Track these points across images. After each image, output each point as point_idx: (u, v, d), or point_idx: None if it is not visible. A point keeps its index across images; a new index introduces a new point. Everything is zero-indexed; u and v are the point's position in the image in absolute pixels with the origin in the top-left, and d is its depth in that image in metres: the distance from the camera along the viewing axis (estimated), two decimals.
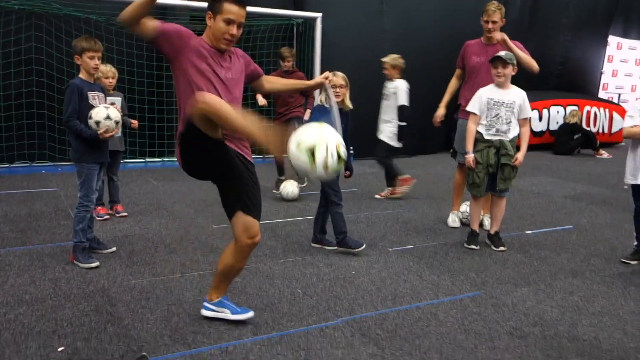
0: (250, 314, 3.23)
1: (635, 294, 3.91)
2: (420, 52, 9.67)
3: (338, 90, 4.48)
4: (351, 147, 9.06)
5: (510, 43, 4.83)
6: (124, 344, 2.96)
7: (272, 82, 3.49)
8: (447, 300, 3.69)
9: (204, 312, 3.28)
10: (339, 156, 2.59)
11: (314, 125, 2.68)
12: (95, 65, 4.13)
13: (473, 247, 4.77)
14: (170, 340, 3.02)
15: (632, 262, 4.52)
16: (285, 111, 6.72)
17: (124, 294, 3.62)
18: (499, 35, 4.87)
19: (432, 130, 9.81)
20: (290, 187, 6.39)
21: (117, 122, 4.06)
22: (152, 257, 4.36)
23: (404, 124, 6.42)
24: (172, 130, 8.84)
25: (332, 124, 2.86)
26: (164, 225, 5.27)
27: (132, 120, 5.52)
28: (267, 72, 8.41)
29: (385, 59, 6.55)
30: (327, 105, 4.24)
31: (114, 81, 5.33)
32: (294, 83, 3.72)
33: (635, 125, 4.34)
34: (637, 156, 4.36)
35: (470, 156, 4.67)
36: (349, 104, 4.58)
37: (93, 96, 4.17)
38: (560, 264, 4.49)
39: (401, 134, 6.44)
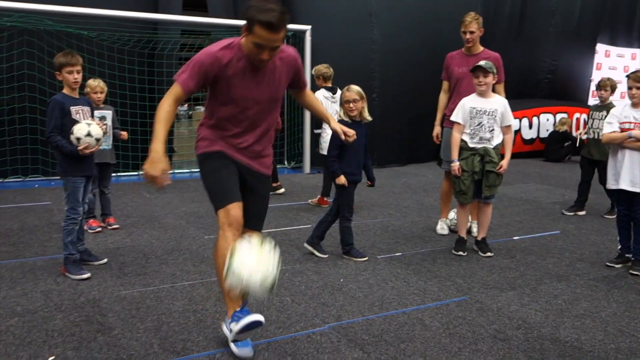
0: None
1: (618, 296, 3.98)
2: (409, 63, 9.81)
3: (352, 105, 4.58)
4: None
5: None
6: (113, 353, 3.01)
7: (309, 98, 3.34)
8: (433, 306, 3.76)
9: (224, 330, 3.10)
10: (269, 286, 2.57)
11: (233, 260, 2.57)
12: (75, 80, 4.18)
13: (460, 253, 4.85)
14: (159, 349, 3.07)
15: (617, 266, 4.60)
16: None
17: (115, 305, 3.67)
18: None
19: (421, 140, 9.97)
20: None
21: (97, 139, 4.11)
22: (143, 268, 4.41)
23: (317, 131, 6.78)
24: (165, 143, 8.90)
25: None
26: (155, 236, 5.32)
27: (122, 132, 5.59)
28: None
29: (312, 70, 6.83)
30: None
31: (102, 96, 5.39)
32: (322, 111, 3.43)
33: (614, 132, 4.44)
34: (618, 162, 4.45)
35: (456, 164, 4.76)
36: (367, 116, 4.69)
37: (76, 111, 4.23)
38: (546, 269, 4.56)
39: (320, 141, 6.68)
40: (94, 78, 5.54)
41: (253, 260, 2.53)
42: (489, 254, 4.84)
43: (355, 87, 4.62)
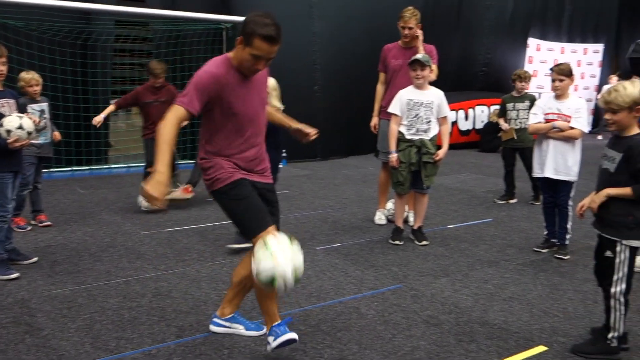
0: (264, 331, 3.07)
1: (543, 279, 4.18)
2: (351, 55, 9.88)
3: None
4: (284, 150, 9.17)
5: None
6: (42, 354, 2.93)
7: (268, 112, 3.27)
8: (370, 294, 3.83)
9: (213, 328, 3.19)
10: (296, 279, 2.66)
11: (267, 251, 2.63)
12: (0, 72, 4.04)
13: (397, 242, 4.96)
14: (92, 348, 3.01)
15: (543, 251, 4.82)
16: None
17: (45, 305, 3.56)
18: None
19: (363, 132, 10.08)
20: None
21: (29, 133, 3.96)
22: (75, 266, 4.29)
23: None
24: (100, 137, 8.66)
25: None
26: (89, 233, 5.18)
27: (55, 133, 5.38)
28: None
29: None
30: None
31: (38, 88, 5.19)
32: (280, 119, 3.36)
33: (539, 122, 4.64)
34: (543, 151, 4.66)
35: (394, 156, 4.85)
36: (278, 104, 4.73)
37: (2, 104, 4.07)
38: (478, 255, 4.73)
39: None
40: (26, 71, 5.33)
41: (286, 253, 2.63)
42: (424, 242, 4.96)
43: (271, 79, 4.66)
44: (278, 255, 2.59)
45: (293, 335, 2.85)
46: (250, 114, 2.90)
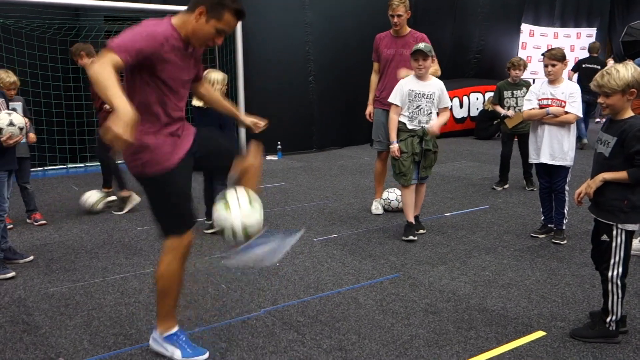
0: (206, 355, 2.86)
1: (541, 264, 4.18)
2: (345, 46, 9.83)
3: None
4: (279, 143, 9.11)
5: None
6: (41, 352, 2.92)
7: (208, 92, 3.15)
8: (368, 284, 3.83)
9: (152, 345, 2.91)
10: (246, 235, 2.64)
11: (222, 206, 2.66)
12: None
13: (411, 238, 4.75)
14: (90, 345, 3.00)
15: (541, 236, 4.83)
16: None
17: (42, 303, 3.54)
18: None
19: (358, 122, 10.05)
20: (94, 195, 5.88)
21: (21, 129, 3.93)
22: (72, 263, 4.27)
23: None
24: (93, 134, 8.60)
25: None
26: (85, 230, 5.16)
27: (31, 134, 5.16)
28: None
29: None
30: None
31: (14, 92, 5.08)
32: (225, 106, 3.18)
33: (533, 108, 4.63)
34: (538, 137, 4.65)
35: (395, 146, 4.72)
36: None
37: None
38: (475, 242, 4.73)
39: None
40: (5, 70, 5.27)
41: (241, 210, 2.63)
42: (421, 231, 4.93)
43: (219, 73, 4.83)
44: (232, 208, 2.61)
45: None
46: (179, 86, 2.71)
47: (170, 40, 2.57)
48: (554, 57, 4.51)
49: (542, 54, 4.65)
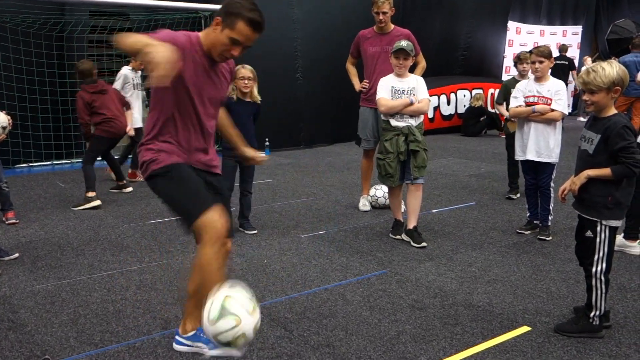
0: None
1: (526, 260, 4.23)
2: (332, 42, 9.81)
3: (246, 81, 4.62)
4: (267, 139, 9.08)
5: None
6: (26, 350, 2.90)
7: (222, 116, 3.03)
8: (355, 280, 3.85)
9: (176, 347, 2.83)
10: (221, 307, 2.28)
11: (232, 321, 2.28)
12: None
13: (399, 237, 4.74)
14: (76, 342, 2.98)
15: (526, 232, 4.87)
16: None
17: (27, 300, 3.52)
18: None
19: (345, 119, 10.06)
20: None
21: (4, 128, 3.90)
22: (58, 260, 4.24)
23: None
24: (79, 130, 8.54)
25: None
26: (71, 227, 5.12)
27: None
28: None
29: None
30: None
31: None
32: (230, 134, 3.11)
33: (519, 105, 4.67)
34: (524, 134, 4.68)
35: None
36: (257, 96, 4.73)
37: None
38: (462, 239, 4.77)
39: None
40: None
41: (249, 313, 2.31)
42: (423, 244, 4.54)
43: (248, 66, 4.68)
44: (243, 317, 2.26)
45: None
46: (201, 101, 2.68)
47: (195, 46, 2.62)
48: (541, 54, 4.54)
49: (529, 51, 4.69)
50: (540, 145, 4.61)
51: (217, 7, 9.75)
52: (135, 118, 6.82)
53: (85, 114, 5.80)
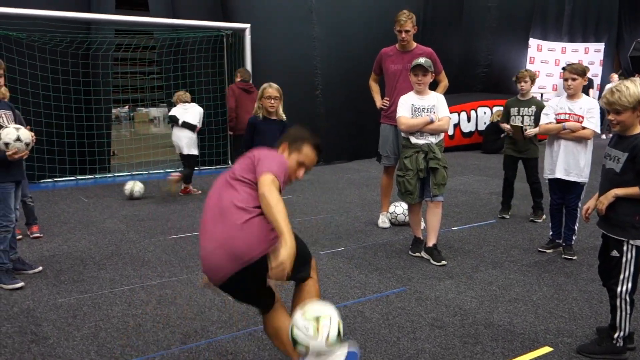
0: None
1: (548, 280, 4.17)
2: (351, 59, 9.91)
3: (273, 101, 4.67)
4: None
5: None
6: None
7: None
8: (374, 298, 3.83)
9: None
10: (338, 332, 2.38)
11: (321, 302, 2.49)
12: None
13: (418, 254, 4.71)
14: (97, 355, 3.01)
15: (548, 251, 4.81)
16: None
17: (50, 313, 3.57)
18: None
19: (365, 136, 10.09)
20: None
21: (27, 144, 3.98)
22: (80, 274, 4.30)
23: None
24: (103, 146, 8.70)
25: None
26: (93, 242, 5.19)
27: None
28: (199, 85, 8.36)
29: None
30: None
31: None
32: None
33: (549, 123, 4.61)
34: (554, 152, 4.60)
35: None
36: (282, 114, 4.78)
37: (0, 115, 4.11)
38: (482, 257, 4.72)
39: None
40: None
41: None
42: (443, 262, 4.50)
43: (275, 85, 4.71)
44: (319, 336, 2.32)
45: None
46: None
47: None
48: (574, 71, 4.46)
49: (563, 68, 4.62)
50: (569, 163, 4.51)
51: (238, 25, 9.96)
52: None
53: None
